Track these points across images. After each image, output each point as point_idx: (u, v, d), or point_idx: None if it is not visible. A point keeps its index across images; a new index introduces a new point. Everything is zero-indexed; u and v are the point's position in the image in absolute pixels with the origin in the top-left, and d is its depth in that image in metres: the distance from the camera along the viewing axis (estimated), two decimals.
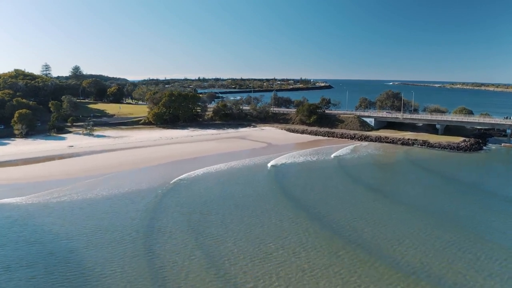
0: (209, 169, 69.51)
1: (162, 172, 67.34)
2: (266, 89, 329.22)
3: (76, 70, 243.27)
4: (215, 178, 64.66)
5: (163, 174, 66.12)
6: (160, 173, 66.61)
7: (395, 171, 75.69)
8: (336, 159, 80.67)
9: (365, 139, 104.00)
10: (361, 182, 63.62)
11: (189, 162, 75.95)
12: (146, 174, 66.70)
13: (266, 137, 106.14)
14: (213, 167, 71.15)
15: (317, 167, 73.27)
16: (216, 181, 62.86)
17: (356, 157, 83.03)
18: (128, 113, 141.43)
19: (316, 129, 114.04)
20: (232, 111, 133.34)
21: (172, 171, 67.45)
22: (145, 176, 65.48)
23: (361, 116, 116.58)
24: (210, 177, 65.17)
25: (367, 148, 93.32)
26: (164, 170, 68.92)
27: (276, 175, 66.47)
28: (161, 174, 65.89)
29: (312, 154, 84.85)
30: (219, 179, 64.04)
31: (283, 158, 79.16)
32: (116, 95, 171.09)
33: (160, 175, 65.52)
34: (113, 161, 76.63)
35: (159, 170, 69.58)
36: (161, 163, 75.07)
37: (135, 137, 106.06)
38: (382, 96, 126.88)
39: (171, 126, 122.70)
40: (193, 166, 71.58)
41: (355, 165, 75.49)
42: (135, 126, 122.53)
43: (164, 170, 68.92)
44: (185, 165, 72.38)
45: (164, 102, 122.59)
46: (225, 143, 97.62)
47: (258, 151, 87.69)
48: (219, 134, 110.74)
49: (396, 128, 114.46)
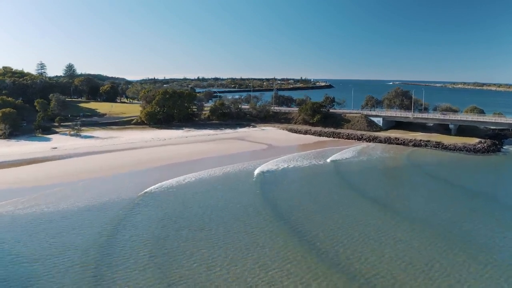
0: (201, 175, 61.57)
1: (146, 178, 59.27)
2: (266, 89, 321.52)
3: (70, 69, 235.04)
4: (206, 185, 56.46)
5: (147, 180, 57.96)
6: (144, 179, 58.51)
7: (410, 181, 65.78)
8: (345, 163, 72.91)
9: (374, 140, 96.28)
10: (371, 195, 55.66)
11: (180, 166, 68.08)
12: (128, 181, 58.66)
13: (266, 138, 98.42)
14: (206, 172, 63.19)
15: (323, 172, 65.46)
16: (207, 189, 54.73)
17: (365, 161, 75.30)
18: (120, 112, 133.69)
19: (320, 130, 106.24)
20: (230, 110, 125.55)
21: (159, 177, 59.51)
22: (127, 183, 57.50)
23: (369, 116, 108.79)
24: (200, 184, 56.96)
25: (375, 150, 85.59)
26: (150, 176, 60.99)
27: (277, 183, 58.39)
28: (144, 181, 57.69)
29: (316, 156, 76.99)
30: (210, 187, 55.84)
31: (285, 162, 71.36)
32: (109, 93, 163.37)
33: (144, 181, 57.32)
34: (96, 165, 68.87)
35: (144, 175, 61.62)
36: (148, 167, 67.29)
37: (125, 138, 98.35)
38: (390, 94, 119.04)
39: (165, 126, 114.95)
40: (184, 170, 63.71)
41: (364, 172, 67.76)
42: (127, 126, 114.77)
43: (150, 176, 60.99)
44: (175, 170, 64.46)
45: (157, 101, 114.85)
46: (222, 144, 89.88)
47: (258, 153, 79.95)
48: (216, 135, 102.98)
49: (405, 128, 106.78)
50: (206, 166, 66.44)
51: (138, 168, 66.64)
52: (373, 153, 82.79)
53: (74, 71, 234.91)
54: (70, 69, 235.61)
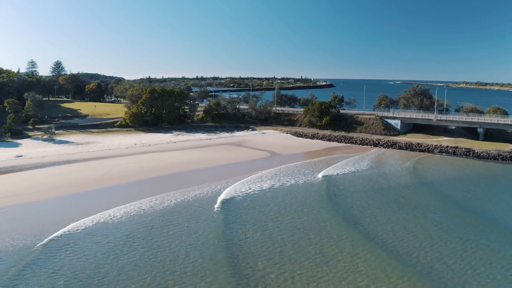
0: (157, 203, 47.70)
1: (80, 207, 44.28)
2: (266, 88, 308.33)
3: (58, 66, 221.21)
4: (147, 226, 38.73)
5: (72, 213, 42.07)
6: (77, 209, 43.57)
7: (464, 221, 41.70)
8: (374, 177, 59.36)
9: (392, 146, 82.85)
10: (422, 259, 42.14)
11: (148, 185, 53.87)
12: (51, 212, 42.91)
13: (268, 143, 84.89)
14: (166, 198, 48.56)
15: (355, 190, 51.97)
16: (143, 236, 38.69)
17: (393, 175, 61.76)
18: (104, 113, 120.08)
19: (329, 133, 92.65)
20: (227, 110, 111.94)
21: (98, 206, 44.49)
22: (46, 216, 41.78)
23: (384, 117, 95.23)
24: (141, 223, 39.63)
25: (396, 159, 72.14)
26: (89, 204, 45.77)
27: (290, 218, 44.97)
28: (66, 216, 41.04)
29: (335, 168, 63.41)
30: (152, 232, 37.28)
31: (294, 177, 57.81)
32: (95, 92, 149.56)
33: (64, 217, 40.77)
34: (52, 180, 54.93)
35: (85, 202, 46.49)
36: (107, 186, 52.76)
37: (104, 143, 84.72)
38: (407, 93, 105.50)
39: (153, 129, 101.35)
40: (144, 193, 49.48)
41: (398, 193, 54.30)
42: (109, 129, 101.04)
43: (89, 204, 45.77)
44: (133, 192, 49.99)
45: (144, 100, 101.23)
46: (215, 152, 76.29)
47: (258, 164, 66.33)
48: (210, 140, 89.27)
49: (424, 132, 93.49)
50: (179, 185, 51.88)
51: (92, 187, 51.89)
52: (395, 162, 69.35)
53: (62, 69, 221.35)
54: (58, 67, 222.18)
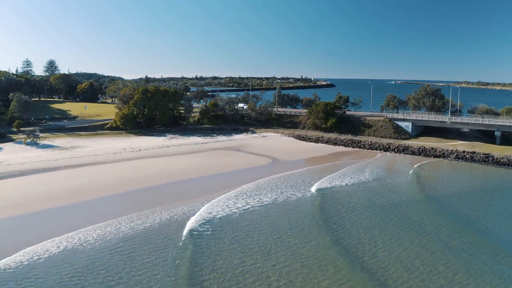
0: (150, 222, 41.24)
1: (70, 222, 38.64)
2: (266, 88, 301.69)
3: (51, 65, 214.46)
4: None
5: (69, 224, 37.44)
6: (65, 224, 37.88)
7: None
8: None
9: (404, 150, 76.16)
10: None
11: (139, 197, 47.39)
12: (39, 224, 37.78)
13: (269, 148, 78.15)
14: (163, 213, 42.77)
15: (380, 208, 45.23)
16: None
17: (404, 184, 55.04)
18: (95, 114, 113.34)
19: (335, 137, 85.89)
20: (225, 111, 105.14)
21: (100, 216, 39.13)
22: (32, 228, 36.72)
23: (394, 119, 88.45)
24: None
25: (410, 167, 65.41)
26: (84, 216, 40.26)
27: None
28: (63, 226, 36.84)
29: (342, 177, 56.66)
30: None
31: (299, 190, 51.09)
32: (87, 92, 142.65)
33: (61, 227, 36.57)
34: (29, 192, 48.21)
35: (73, 216, 40.69)
36: (95, 197, 46.46)
37: (91, 148, 77.97)
38: (418, 93, 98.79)
39: (145, 132, 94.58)
40: (135, 206, 43.34)
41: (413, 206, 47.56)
42: (98, 132, 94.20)
43: (84, 216, 40.26)
44: (126, 206, 43.99)
45: (135, 101, 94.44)
46: (211, 158, 69.53)
47: (258, 172, 59.51)
48: (206, 144, 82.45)
49: (436, 135, 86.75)
50: (163, 200, 44.97)
51: (69, 201, 45.13)
52: (406, 170, 62.58)
53: (55, 68, 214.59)
54: (51, 66, 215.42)
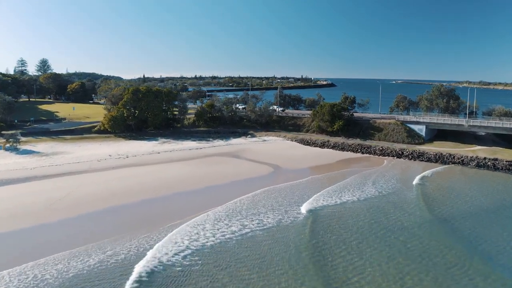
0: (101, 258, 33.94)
1: (20, 252, 31.53)
2: (267, 87, 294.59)
3: (44, 64, 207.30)
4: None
5: (16, 256, 30.21)
6: (12, 255, 30.78)
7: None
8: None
9: (419, 157, 68.92)
10: None
11: (114, 217, 40.24)
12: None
13: (270, 153, 70.88)
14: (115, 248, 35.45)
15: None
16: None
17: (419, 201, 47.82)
18: (84, 116, 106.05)
19: (342, 141, 78.56)
20: (222, 113, 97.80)
21: (59, 245, 31.78)
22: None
23: (406, 122, 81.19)
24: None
25: (427, 177, 58.22)
26: (43, 243, 33.01)
27: None
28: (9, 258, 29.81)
29: (358, 191, 49.32)
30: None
31: (310, 212, 43.81)
32: (78, 92, 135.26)
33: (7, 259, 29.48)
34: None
35: (30, 242, 33.57)
36: (65, 217, 39.17)
37: (74, 154, 70.68)
38: (431, 93, 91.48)
39: (136, 136, 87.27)
40: (106, 232, 36.05)
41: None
42: (85, 135, 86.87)
43: (43, 243, 33.01)
44: (95, 231, 36.75)
45: (125, 102, 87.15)
46: (205, 166, 62.20)
47: (258, 183, 52.20)
48: (201, 150, 75.06)
49: (451, 139, 79.54)
50: (131, 225, 37.54)
51: (33, 221, 37.71)
52: (422, 182, 55.38)
53: (48, 67, 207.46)
54: (44, 65, 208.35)
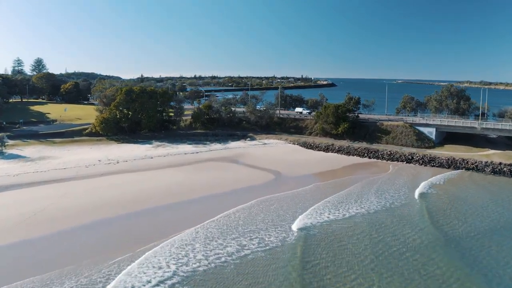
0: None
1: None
2: (267, 87, 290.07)
3: (39, 64, 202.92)
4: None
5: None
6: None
7: None
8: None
9: (430, 162, 64.38)
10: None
11: (94, 236, 35.79)
12: None
13: (271, 158, 66.36)
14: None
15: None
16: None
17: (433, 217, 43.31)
18: (76, 117, 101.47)
19: (347, 145, 74.00)
20: (220, 115, 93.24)
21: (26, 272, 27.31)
22: None
23: (415, 124, 76.69)
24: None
25: (441, 185, 53.72)
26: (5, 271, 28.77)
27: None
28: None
29: (362, 204, 44.82)
30: None
31: (318, 230, 39.26)
32: (72, 93, 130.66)
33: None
34: None
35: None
36: (40, 234, 34.75)
37: (62, 159, 66.17)
38: (440, 94, 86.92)
39: (129, 138, 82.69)
40: (81, 254, 31.58)
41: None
42: (76, 138, 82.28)
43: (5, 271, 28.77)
44: (67, 254, 32.29)
45: (118, 103, 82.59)
46: (201, 172, 57.65)
47: (257, 192, 47.63)
48: (197, 154, 70.47)
49: (462, 142, 75.06)
50: (108, 248, 33.82)
51: (4, 240, 33.92)
52: (435, 192, 50.88)
53: (43, 67, 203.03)
54: (39, 65, 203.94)
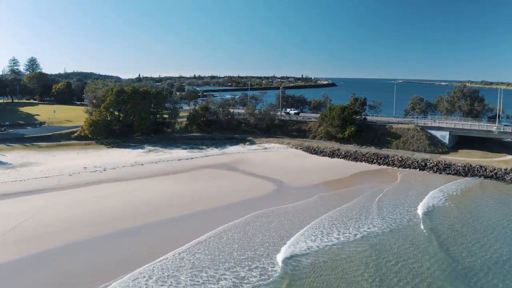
0: None
1: None
2: (267, 87, 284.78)
3: (33, 63, 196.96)
4: None
5: None
6: None
7: None
8: None
9: (446, 169, 59.12)
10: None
11: (66, 262, 30.58)
12: None
13: (272, 165, 61.04)
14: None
15: None
16: None
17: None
18: (65, 119, 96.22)
19: (354, 150, 68.66)
20: (217, 117, 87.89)
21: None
22: None
23: (427, 128, 71.40)
24: None
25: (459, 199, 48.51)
26: None
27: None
28: None
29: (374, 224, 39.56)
30: None
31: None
32: (64, 93, 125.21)
33: None
34: None
35: None
36: (5, 259, 29.68)
37: (45, 165, 60.79)
38: (452, 95, 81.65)
39: (120, 142, 77.31)
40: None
41: None
42: (63, 142, 76.87)
43: None
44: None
45: (108, 104, 77.23)
46: (194, 182, 52.23)
47: (256, 204, 42.31)
48: (191, 160, 65.05)
49: (476, 147, 69.72)
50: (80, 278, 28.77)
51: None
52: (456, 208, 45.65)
53: (36, 67, 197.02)
54: (33, 63, 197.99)
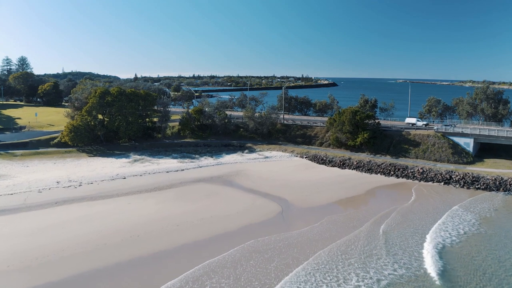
0: None
1: None
2: (267, 87, 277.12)
3: (23, 63, 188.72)
4: None
5: None
6: None
7: None
8: None
9: (474, 183, 51.21)
10: None
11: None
12: None
13: (275, 178, 52.96)
14: None
15: None
16: None
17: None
18: (48, 123, 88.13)
19: (368, 159, 60.56)
20: (213, 121, 79.80)
21: None
22: None
23: (448, 134, 63.34)
24: None
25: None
26: None
27: None
28: None
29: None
30: None
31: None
32: (50, 94, 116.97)
33: None
34: None
35: None
36: None
37: (15, 179, 52.85)
38: (473, 96, 73.57)
39: (104, 150, 69.21)
40: None
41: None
42: (41, 150, 68.73)
43: None
44: None
45: (90, 107, 69.10)
46: (181, 201, 44.13)
47: (255, 233, 34.22)
48: (182, 172, 56.86)
49: (502, 155, 61.68)
50: None
51: None
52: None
53: (27, 66, 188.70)
54: (23, 62, 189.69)
